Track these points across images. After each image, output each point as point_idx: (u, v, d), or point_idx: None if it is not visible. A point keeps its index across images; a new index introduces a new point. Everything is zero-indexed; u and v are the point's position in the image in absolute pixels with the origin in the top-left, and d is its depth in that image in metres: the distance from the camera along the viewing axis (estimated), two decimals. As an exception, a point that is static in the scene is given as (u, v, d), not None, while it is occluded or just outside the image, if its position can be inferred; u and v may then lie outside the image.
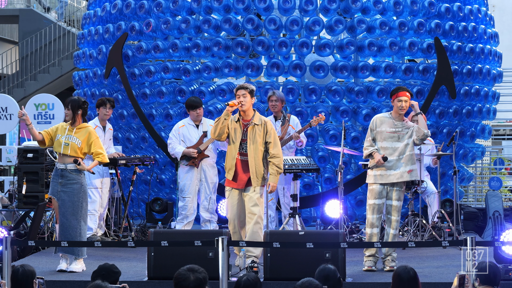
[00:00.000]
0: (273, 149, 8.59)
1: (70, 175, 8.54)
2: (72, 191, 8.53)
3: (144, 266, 8.41)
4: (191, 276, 4.89)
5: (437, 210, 10.75)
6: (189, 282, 4.87)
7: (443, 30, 12.23)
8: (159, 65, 12.60)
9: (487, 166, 17.20)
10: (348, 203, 12.18)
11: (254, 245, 8.28)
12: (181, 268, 4.95)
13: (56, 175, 8.61)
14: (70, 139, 8.53)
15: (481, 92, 12.76)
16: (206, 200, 10.59)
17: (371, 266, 8.68)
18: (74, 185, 8.54)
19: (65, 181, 8.54)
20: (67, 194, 8.53)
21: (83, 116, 8.70)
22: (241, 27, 12.21)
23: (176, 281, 4.91)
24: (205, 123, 10.69)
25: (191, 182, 10.55)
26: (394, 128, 8.67)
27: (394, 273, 5.67)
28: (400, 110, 8.65)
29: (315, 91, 12.18)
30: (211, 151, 10.67)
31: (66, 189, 8.54)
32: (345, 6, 12.15)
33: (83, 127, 8.62)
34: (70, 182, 8.54)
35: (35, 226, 10.43)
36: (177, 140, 10.61)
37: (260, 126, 8.62)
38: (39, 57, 20.97)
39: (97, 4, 13.62)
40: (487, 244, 7.41)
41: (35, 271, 5.91)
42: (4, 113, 13.83)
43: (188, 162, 10.54)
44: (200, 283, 4.88)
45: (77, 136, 8.55)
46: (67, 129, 8.59)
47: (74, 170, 8.56)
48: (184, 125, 10.69)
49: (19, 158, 11.13)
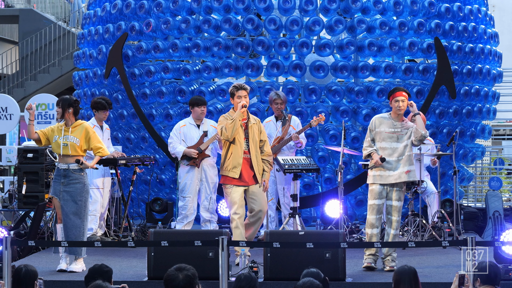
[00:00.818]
0: (266, 147, 9.06)
1: (73, 174, 8.57)
2: (75, 190, 8.56)
3: (144, 266, 8.41)
4: (179, 275, 4.93)
5: (437, 210, 10.75)
6: (179, 281, 4.91)
7: (443, 30, 12.23)
8: (159, 65, 12.60)
9: (487, 166, 17.20)
10: (348, 203, 12.18)
11: (254, 245, 8.31)
12: (169, 270, 5.00)
13: (58, 175, 8.62)
14: (68, 139, 8.55)
15: (481, 92, 12.76)
16: (207, 200, 10.59)
17: (370, 263, 8.70)
18: (77, 185, 8.57)
19: (67, 181, 8.57)
20: (70, 194, 8.56)
21: (75, 115, 8.68)
22: (241, 27, 12.21)
23: (166, 283, 4.95)
24: (206, 123, 10.69)
25: (191, 182, 10.55)
26: (393, 129, 8.67)
27: (395, 273, 5.67)
28: (398, 110, 8.65)
29: (315, 91, 12.18)
30: (211, 151, 10.67)
31: (69, 188, 8.56)
32: (345, 6, 12.15)
33: (78, 125, 8.63)
34: (73, 182, 8.57)
35: (35, 226, 10.44)
36: (178, 140, 10.61)
37: (255, 125, 9.01)
38: (39, 57, 20.97)
39: (97, 4, 13.62)
40: (487, 244, 7.41)
41: (37, 272, 5.91)
42: (4, 113, 13.84)
43: (188, 162, 10.54)
44: (190, 280, 4.92)
45: (74, 135, 8.57)
46: (62, 129, 8.60)
47: (77, 169, 8.60)
48: (185, 125, 10.69)
49: (19, 158, 11.13)
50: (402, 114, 8.71)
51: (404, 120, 8.74)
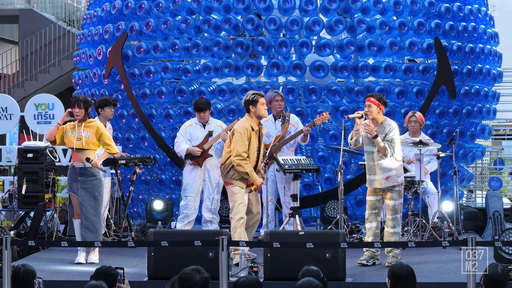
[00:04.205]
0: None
1: (89, 172, 8.97)
2: (93, 186, 8.99)
3: (144, 266, 8.42)
4: (197, 276, 4.93)
5: (437, 210, 10.75)
6: (196, 281, 4.91)
7: (443, 30, 12.23)
8: (159, 65, 12.60)
9: (487, 166, 17.20)
10: (348, 203, 12.17)
11: (254, 245, 8.32)
12: (186, 268, 4.99)
13: (73, 173, 9.01)
14: (81, 134, 8.95)
15: (481, 92, 12.76)
16: (209, 200, 10.59)
17: (362, 260, 8.95)
18: (94, 181, 9.01)
19: (84, 178, 8.98)
20: (88, 191, 8.97)
21: (88, 113, 9.15)
22: (241, 27, 12.20)
23: (181, 280, 4.92)
24: (212, 123, 10.68)
25: (194, 181, 10.55)
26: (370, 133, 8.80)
27: (391, 272, 5.62)
28: (366, 115, 8.83)
29: (315, 91, 12.18)
30: (215, 151, 10.63)
31: (87, 185, 8.97)
32: (345, 6, 12.15)
33: (91, 122, 9.09)
34: (90, 179, 8.98)
35: (35, 226, 10.44)
36: (184, 139, 10.62)
37: (263, 128, 9.31)
38: (39, 57, 20.98)
39: (97, 4, 13.63)
40: (487, 244, 7.41)
41: (35, 271, 5.91)
42: (4, 113, 13.82)
43: (192, 161, 10.55)
44: (206, 282, 4.93)
45: (87, 130, 8.99)
46: (75, 125, 9.02)
47: (92, 166, 8.99)
48: (192, 125, 10.71)
49: (19, 158, 11.13)
50: (373, 119, 8.83)
51: (382, 125, 8.81)
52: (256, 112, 9.04)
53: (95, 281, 5.42)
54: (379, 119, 8.85)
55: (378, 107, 8.82)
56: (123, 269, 6.23)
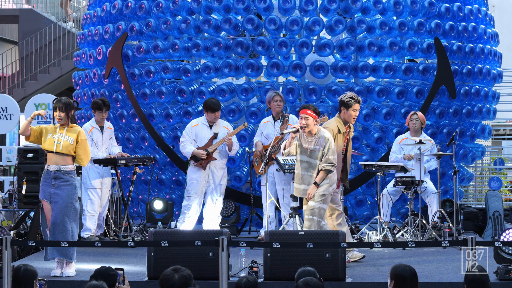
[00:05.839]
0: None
1: (64, 176, 8.38)
2: (66, 192, 8.36)
3: (144, 266, 8.41)
4: (175, 275, 4.96)
5: (437, 210, 10.75)
6: (174, 281, 4.94)
7: (443, 30, 12.23)
8: (159, 65, 12.60)
9: (487, 166, 17.20)
10: (348, 203, 12.17)
11: (254, 245, 8.31)
12: (165, 270, 5.03)
13: (48, 178, 8.41)
14: (62, 137, 8.39)
15: (481, 92, 12.76)
16: (212, 202, 10.58)
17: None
18: (68, 187, 8.38)
19: (58, 183, 8.37)
20: (60, 196, 8.35)
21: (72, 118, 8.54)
22: (241, 27, 12.20)
23: (162, 282, 4.98)
24: (218, 124, 10.65)
25: (198, 182, 10.54)
26: (307, 144, 8.80)
27: (394, 273, 5.64)
28: (303, 128, 8.79)
29: (315, 91, 12.18)
30: (219, 154, 10.61)
31: (60, 191, 8.36)
32: (345, 6, 12.15)
33: (74, 127, 8.50)
34: (64, 184, 8.38)
35: (35, 226, 10.44)
36: (190, 139, 10.60)
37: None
38: (39, 57, 20.96)
39: (97, 4, 13.63)
40: (487, 244, 7.41)
41: (37, 272, 5.90)
42: (4, 113, 13.84)
43: (196, 163, 10.54)
44: (185, 280, 4.95)
45: (68, 134, 8.42)
46: (57, 128, 8.46)
47: (68, 171, 8.41)
48: (198, 124, 10.67)
49: (19, 158, 11.14)
50: (308, 132, 8.77)
51: (317, 136, 8.77)
52: (344, 115, 9.00)
53: (95, 281, 5.43)
54: (314, 130, 8.84)
55: (314, 119, 8.81)
56: (123, 270, 6.22)
